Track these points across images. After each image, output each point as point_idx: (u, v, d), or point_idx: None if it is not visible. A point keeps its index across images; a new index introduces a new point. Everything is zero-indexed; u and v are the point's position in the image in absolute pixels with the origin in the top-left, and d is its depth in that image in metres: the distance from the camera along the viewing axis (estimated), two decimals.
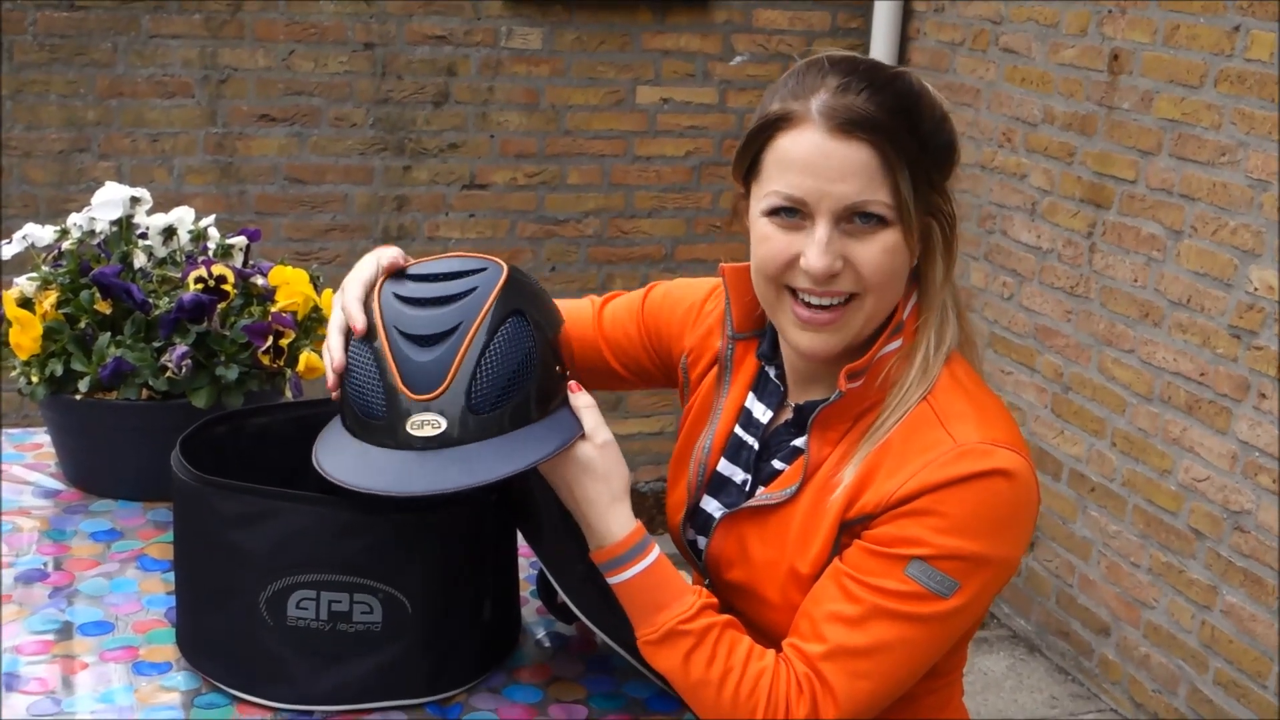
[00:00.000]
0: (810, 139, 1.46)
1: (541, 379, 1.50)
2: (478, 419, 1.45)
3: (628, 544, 1.51)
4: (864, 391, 1.52)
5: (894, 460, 1.49)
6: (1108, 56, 3.56)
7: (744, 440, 1.67)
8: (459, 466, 1.44)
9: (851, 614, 1.47)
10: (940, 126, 1.51)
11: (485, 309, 1.48)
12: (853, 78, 1.47)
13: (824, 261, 1.47)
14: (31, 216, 3.92)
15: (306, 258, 4.18)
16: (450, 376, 1.45)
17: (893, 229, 1.47)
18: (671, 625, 1.49)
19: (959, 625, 1.50)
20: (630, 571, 1.50)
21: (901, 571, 1.45)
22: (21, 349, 1.99)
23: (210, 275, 2.00)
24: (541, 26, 4.29)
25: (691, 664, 1.49)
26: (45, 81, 3.96)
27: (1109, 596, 3.67)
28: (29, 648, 1.64)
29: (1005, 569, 1.50)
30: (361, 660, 1.53)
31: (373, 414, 1.48)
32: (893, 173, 1.45)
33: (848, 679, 1.46)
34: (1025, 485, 1.48)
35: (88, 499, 2.05)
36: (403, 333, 1.48)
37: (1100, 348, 3.64)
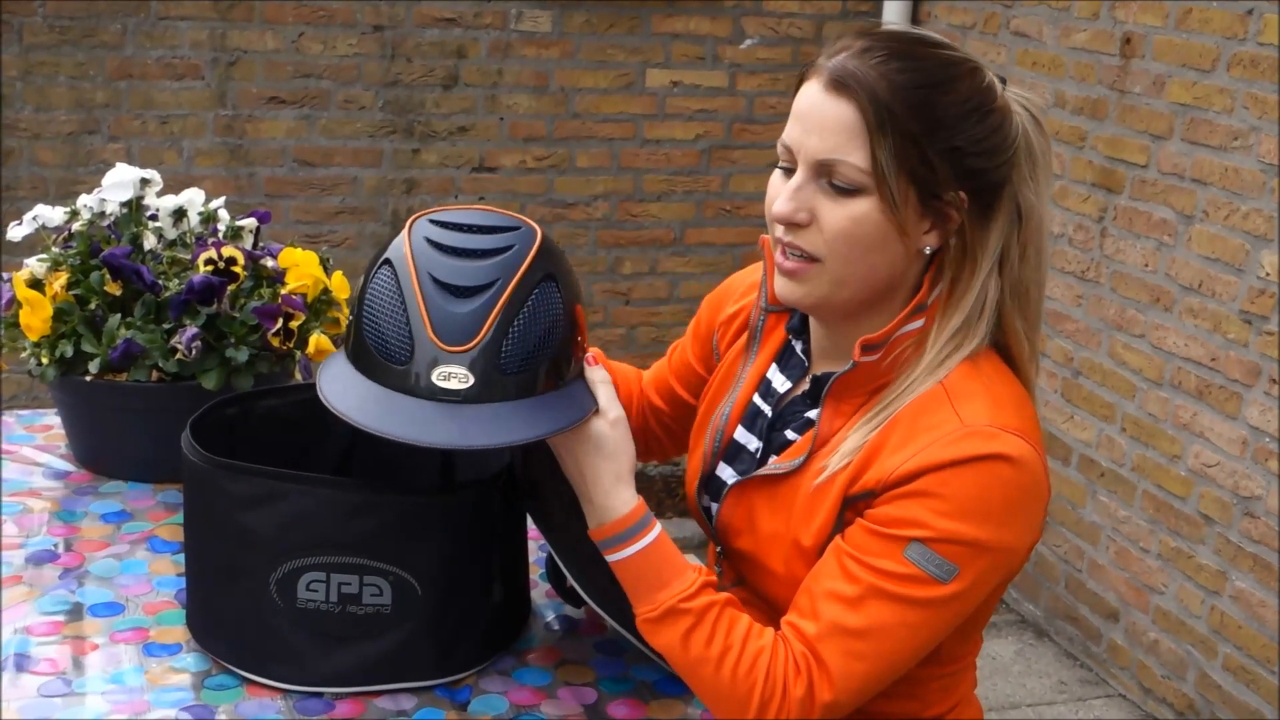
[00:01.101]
0: (810, 90, 1.49)
1: (566, 346, 1.50)
2: (504, 379, 1.44)
3: (628, 521, 1.51)
4: (877, 367, 1.52)
5: (900, 437, 1.48)
6: (1119, 40, 3.55)
7: (760, 408, 1.68)
8: (480, 426, 1.42)
9: (849, 593, 1.46)
10: (970, 118, 1.47)
11: (523, 268, 1.46)
12: (880, 45, 1.47)
13: (787, 207, 1.48)
14: (41, 198, 3.92)
15: (315, 240, 4.18)
16: (484, 332, 1.43)
17: (868, 199, 1.46)
18: (671, 603, 1.49)
19: (957, 611, 1.49)
20: (630, 549, 1.50)
21: (901, 553, 1.44)
22: (32, 330, 1.99)
23: (220, 257, 2.00)
24: (551, 9, 4.28)
25: (690, 642, 1.49)
26: (55, 63, 3.96)
27: (1118, 582, 3.66)
28: (39, 629, 1.64)
29: (1008, 557, 1.48)
30: (371, 642, 1.53)
31: (392, 357, 1.45)
32: (871, 139, 1.44)
33: (843, 659, 1.46)
34: (1030, 473, 1.46)
35: (98, 480, 2.05)
36: (436, 280, 1.45)
37: (1111, 332, 3.64)
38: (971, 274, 1.52)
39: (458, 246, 1.47)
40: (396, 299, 1.46)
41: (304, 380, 2.07)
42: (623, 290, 4.59)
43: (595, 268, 4.52)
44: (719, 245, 4.60)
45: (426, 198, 4.31)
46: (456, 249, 1.47)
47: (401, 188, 4.30)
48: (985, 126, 1.48)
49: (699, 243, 4.61)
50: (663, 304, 4.64)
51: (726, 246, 4.59)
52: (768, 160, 4.54)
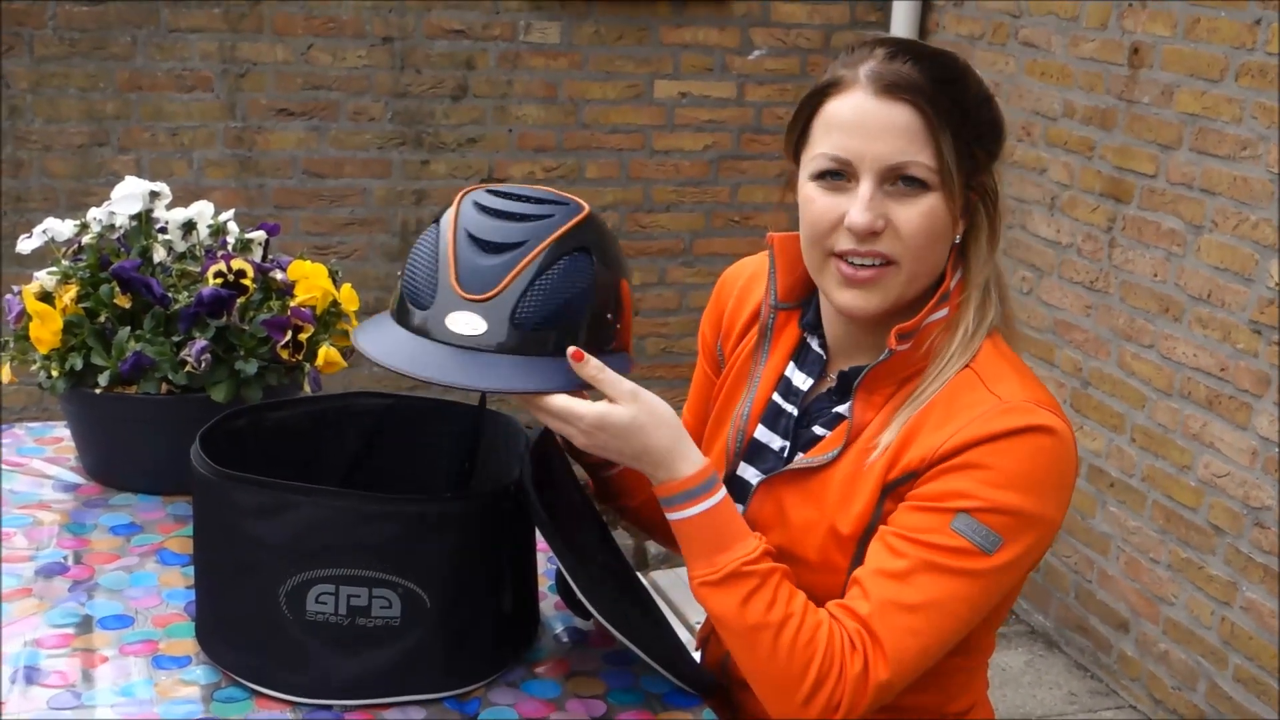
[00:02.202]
0: (856, 100, 1.51)
1: (590, 318, 1.51)
2: (517, 333, 1.47)
3: (699, 478, 1.51)
4: (909, 356, 1.55)
5: (938, 418, 1.51)
6: (1128, 50, 3.55)
7: (783, 408, 1.69)
8: (482, 370, 1.45)
9: (898, 569, 1.48)
10: (985, 104, 1.56)
11: (556, 235, 1.49)
12: (899, 49, 1.53)
13: (866, 217, 1.50)
14: (51, 210, 3.93)
15: (325, 251, 4.19)
16: (503, 285, 1.46)
17: (934, 194, 1.51)
18: (734, 567, 1.49)
19: (1000, 583, 1.51)
20: (698, 508, 1.50)
21: (948, 525, 1.47)
22: (42, 343, 1.99)
23: (229, 270, 2.00)
24: (560, 20, 4.29)
25: (750, 607, 1.48)
26: (65, 75, 3.97)
27: (1128, 592, 3.65)
28: (49, 641, 1.65)
29: (1047, 530, 1.52)
30: (380, 654, 1.53)
31: (419, 302, 1.50)
32: (935, 136, 1.50)
33: (898, 635, 1.47)
34: (1068, 446, 1.51)
35: (107, 493, 2.06)
36: (471, 235, 1.49)
37: (1120, 342, 3.63)
38: (988, 257, 1.59)
39: (499, 209, 1.52)
40: (432, 250, 1.51)
41: (313, 392, 2.08)
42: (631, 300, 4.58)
43: None
44: (728, 255, 4.59)
45: (436, 209, 4.30)
46: (498, 211, 1.51)
47: (411, 199, 4.31)
48: (992, 108, 1.57)
49: (708, 253, 4.61)
50: (671, 314, 4.64)
51: (735, 257, 4.52)
52: (777, 171, 4.54)
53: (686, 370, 4.70)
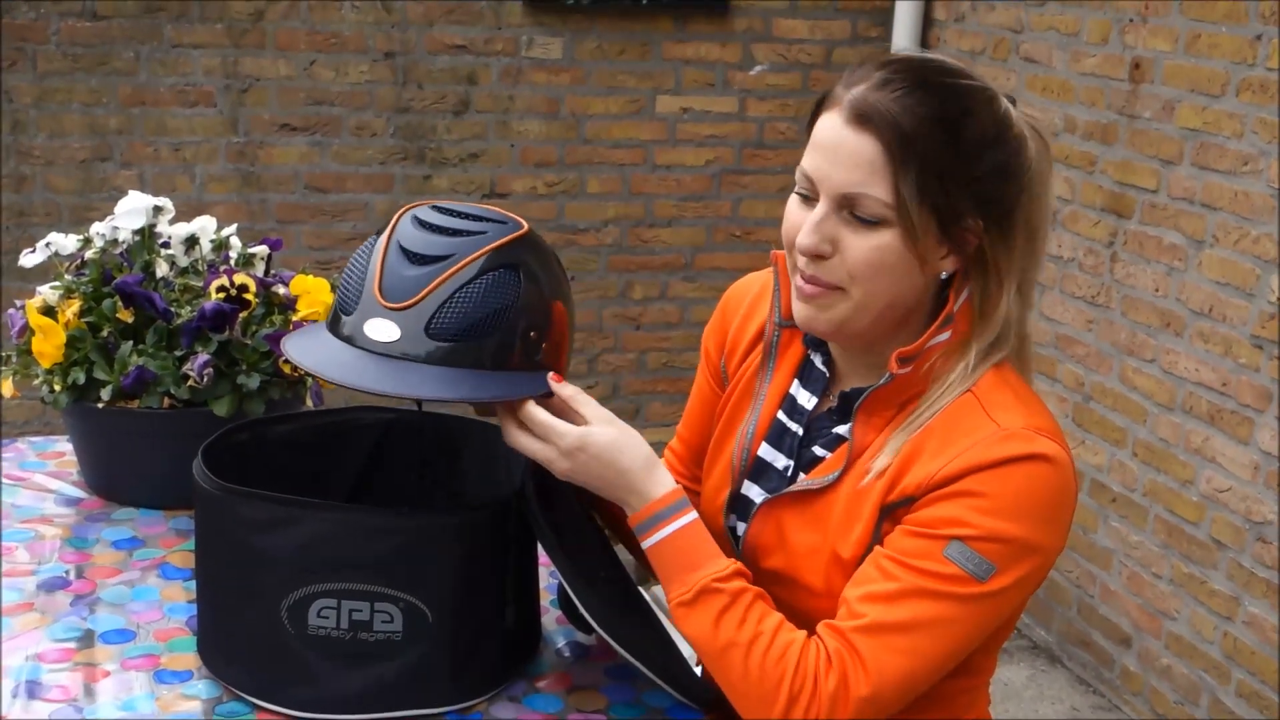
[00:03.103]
0: (832, 122, 1.50)
1: (510, 334, 1.51)
2: (430, 343, 1.48)
3: (668, 500, 1.52)
4: (910, 379, 1.54)
5: (936, 443, 1.50)
6: (1129, 65, 3.55)
7: (788, 426, 1.68)
8: (388, 375, 1.47)
9: (888, 591, 1.47)
10: (990, 147, 1.49)
11: (484, 250, 1.50)
12: (899, 77, 1.48)
13: (810, 240, 1.50)
14: (54, 225, 3.94)
15: (327, 266, 4.20)
16: (421, 295, 1.48)
17: (890, 230, 1.48)
18: (705, 583, 1.49)
19: (993, 611, 1.50)
20: (669, 529, 1.51)
21: (941, 552, 1.46)
22: (44, 357, 1.99)
23: (232, 284, 2.01)
24: (562, 35, 4.30)
25: (722, 626, 1.49)
26: (68, 90, 3.99)
27: (1130, 607, 3.65)
28: (51, 655, 1.64)
29: (1044, 559, 1.51)
30: (382, 669, 1.53)
31: (345, 309, 1.53)
32: (895, 174, 1.46)
33: (879, 653, 1.46)
34: (1067, 475, 1.50)
35: (109, 507, 2.06)
36: (401, 246, 1.51)
37: (1121, 357, 3.63)
38: (999, 292, 1.55)
39: (434, 223, 1.53)
40: (365, 259, 1.53)
41: (315, 407, 2.08)
42: (633, 315, 4.60)
43: (606, 293, 4.52)
44: (729, 270, 4.61)
45: None
46: (432, 225, 1.53)
47: None
48: (1004, 154, 1.51)
49: (709, 268, 4.61)
50: (673, 329, 4.64)
51: (737, 271, 4.54)
52: (778, 186, 4.55)
53: (688, 385, 4.68)
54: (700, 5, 4.37)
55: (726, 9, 4.40)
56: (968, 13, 4.24)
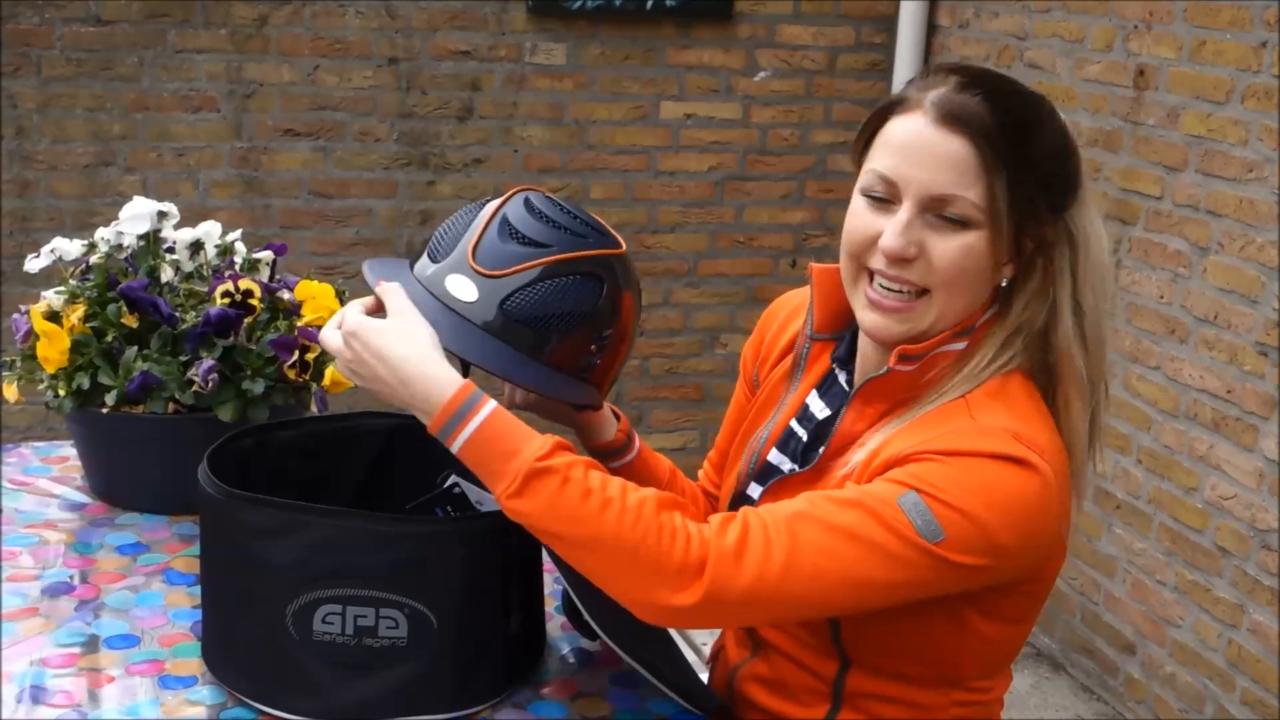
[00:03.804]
0: (915, 124, 1.50)
1: (572, 338, 1.55)
2: (500, 316, 1.52)
3: (460, 398, 1.43)
4: (914, 378, 1.53)
5: (914, 431, 1.49)
6: (1133, 72, 3.55)
7: (795, 431, 1.69)
8: (453, 332, 1.50)
9: (838, 496, 1.44)
10: (1059, 155, 1.52)
11: (579, 253, 1.55)
12: (975, 82, 1.50)
13: (898, 242, 1.49)
14: (58, 230, 3.94)
15: (330, 272, 4.19)
16: (510, 270, 1.53)
17: (977, 232, 1.49)
18: (529, 467, 1.39)
19: (926, 572, 1.41)
20: (470, 425, 1.42)
21: (895, 499, 1.40)
22: (49, 362, 1.99)
23: (237, 289, 2.00)
24: (566, 41, 4.30)
25: (559, 506, 1.39)
26: (72, 95, 3.99)
27: (1134, 614, 3.64)
28: (55, 660, 1.64)
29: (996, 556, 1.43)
30: (387, 675, 1.53)
31: (435, 256, 1.57)
32: (987, 175, 1.47)
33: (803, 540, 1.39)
34: (1045, 488, 1.44)
35: (113, 512, 2.05)
36: (507, 219, 1.55)
37: (1126, 364, 3.63)
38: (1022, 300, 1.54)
39: (543, 211, 1.57)
40: (469, 218, 1.58)
41: (319, 412, 2.07)
42: None
43: None
44: (732, 276, 4.61)
45: None
46: (540, 212, 1.57)
47: (416, 219, 4.31)
48: (1072, 162, 1.54)
49: (713, 274, 4.61)
50: (676, 335, 4.64)
51: (740, 278, 4.59)
52: (781, 192, 4.55)
53: (692, 390, 4.71)
54: (704, 12, 4.37)
55: (730, 15, 4.40)
56: (971, 19, 4.23)
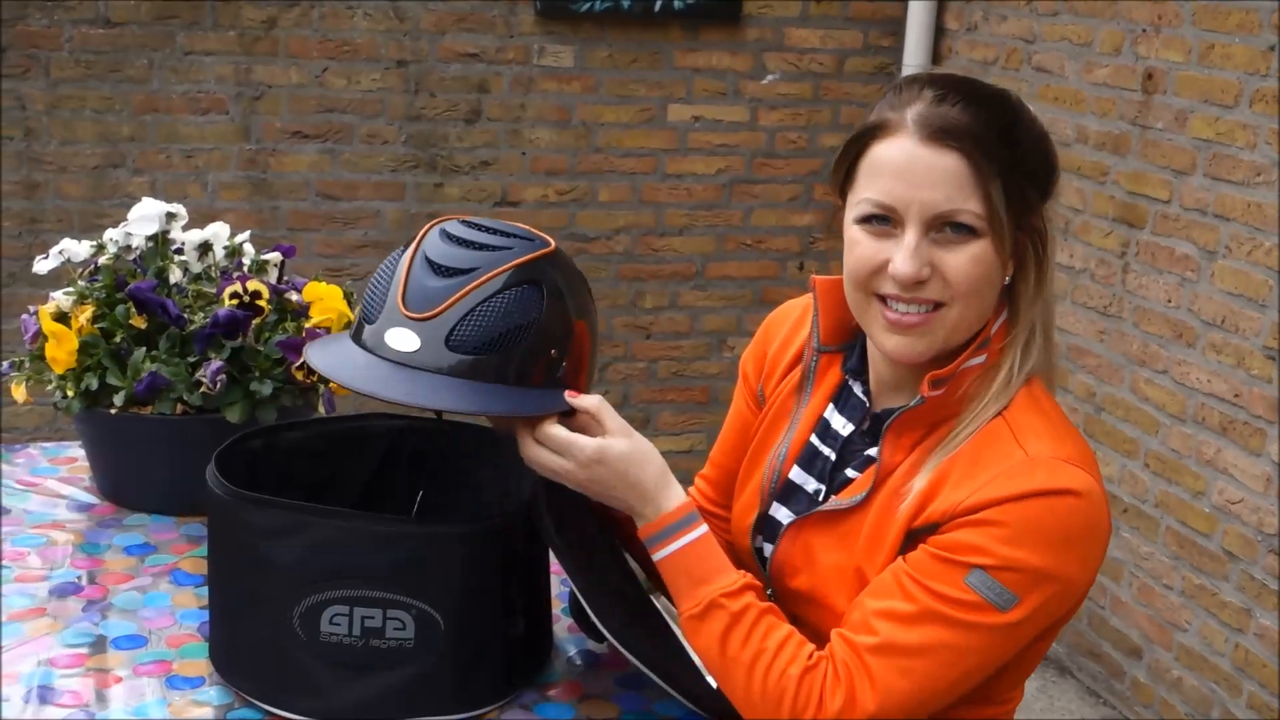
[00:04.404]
0: (902, 146, 1.49)
1: (530, 350, 1.51)
2: (449, 355, 1.49)
3: (680, 514, 1.53)
4: (943, 401, 1.53)
5: (963, 470, 1.49)
6: (1141, 76, 3.55)
7: (820, 450, 1.67)
8: (407, 384, 1.48)
9: (906, 612, 1.47)
10: (1038, 146, 1.54)
11: (508, 266, 1.51)
12: (949, 90, 1.50)
13: (911, 267, 1.48)
14: (66, 231, 3.94)
15: (338, 274, 4.20)
16: (443, 307, 1.49)
17: (983, 240, 1.49)
18: (714, 597, 1.50)
19: (1012, 640, 1.49)
20: (680, 542, 1.52)
21: (961, 579, 1.45)
22: (57, 363, 2.00)
23: (245, 291, 2.01)
24: (573, 44, 4.30)
25: (728, 641, 1.49)
26: (81, 97, 3.99)
27: (1141, 618, 3.64)
28: (62, 661, 1.65)
29: (1068, 591, 1.49)
30: (393, 676, 1.53)
31: (368, 318, 1.54)
32: (984, 183, 1.47)
33: (890, 674, 1.46)
34: (1095, 506, 1.47)
35: (121, 513, 2.06)
36: (427, 258, 1.52)
37: (1133, 368, 3.63)
38: (1035, 299, 1.56)
39: (460, 237, 1.54)
40: (390, 269, 1.54)
41: (327, 414, 2.08)
42: (644, 324, 4.59)
43: (616, 301, 4.52)
44: (740, 279, 4.61)
45: None
46: (457, 238, 1.54)
47: (424, 222, 4.25)
48: (1045, 150, 1.55)
49: (720, 276, 4.61)
50: (684, 338, 4.64)
51: (747, 280, 4.59)
52: (789, 195, 4.55)
53: (699, 393, 4.71)
54: (712, 14, 4.38)
55: (738, 18, 4.40)
56: (980, 22, 4.23)
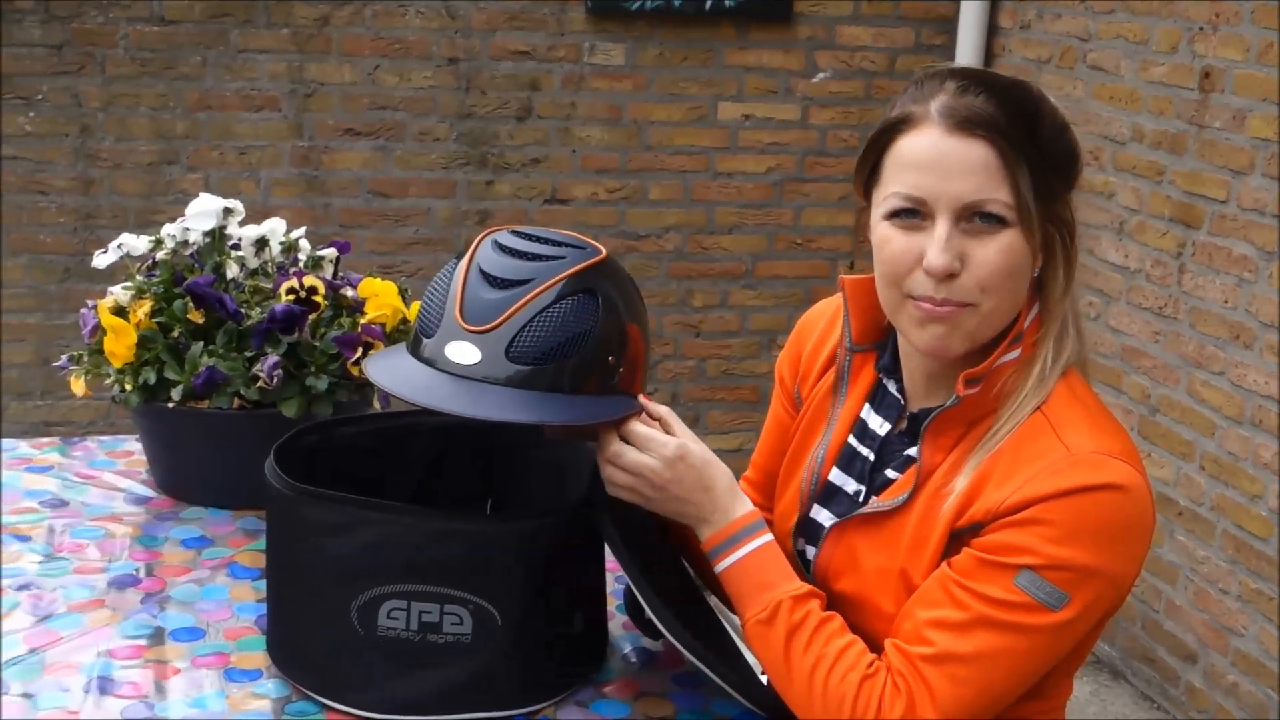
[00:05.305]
0: (929, 138, 1.48)
1: (588, 359, 1.51)
2: (510, 366, 1.49)
3: (749, 520, 1.55)
4: (979, 399, 1.52)
5: (1005, 468, 1.48)
6: (1199, 74, 3.51)
7: (858, 451, 1.66)
8: (470, 397, 1.48)
9: (958, 620, 1.46)
10: (1061, 134, 1.52)
11: (562, 275, 1.51)
12: (972, 81, 1.49)
13: (944, 259, 1.47)
14: (121, 227, 3.98)
15: (389, 270, 4.21)
16: (502, 319, 1.49)
17: (1012, 230, 1.48)
18: (780, 600, 1.51)
19: (1065, 639, 1.48)
20: (748, 547, 1.53)
21: (1010, 581, 1.44)
22: (116, 357, 2.01)
23: (301, 286, 2.01)
24: (624, 42, 4.30)
25: (792, 646, 1.50)
26: (136, 94, 4.02)
27: (1196, 623, 3.60)
28: (122, 652, 1.66)
29: (1116, 585, 1.48)
30: (450, 671, 1.53)
31: (427, 331, 1.54)
32: (1012, 172, 1.46)
33: (949, 684, 1.45)
34: (1139, 500, 1.46)
35: (178, 506, 2.07)
36: (482, 270, 1.53)
37: (1189, 369, 3.59)
38: (1065, 291, 1.55)
39: (513, 248, 1.54)
40: (446, 283, 1.55)
41: (381, 409, 2.08)
42: (693, 322, 4.59)
43: (666, 300, 4.52)
44: (790, 278, 4.59)
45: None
46: (512, 249, 1.54)
47: (475, 219, 4.32)
48: (1067, 139, 1.54)
49: (770, 275, 4.60)
50: (733, 336, 4.63)
51: (797, 279, 4.58)
52: (840, 194, 4.53)
53: (747, 393, 4.70)
54: (763, 12, 4.37)
55: (789, 16, 4.39)
56: (1033, 20, 4.20)
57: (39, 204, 4.03)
